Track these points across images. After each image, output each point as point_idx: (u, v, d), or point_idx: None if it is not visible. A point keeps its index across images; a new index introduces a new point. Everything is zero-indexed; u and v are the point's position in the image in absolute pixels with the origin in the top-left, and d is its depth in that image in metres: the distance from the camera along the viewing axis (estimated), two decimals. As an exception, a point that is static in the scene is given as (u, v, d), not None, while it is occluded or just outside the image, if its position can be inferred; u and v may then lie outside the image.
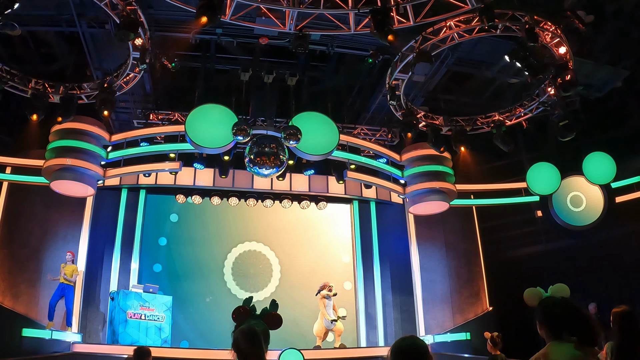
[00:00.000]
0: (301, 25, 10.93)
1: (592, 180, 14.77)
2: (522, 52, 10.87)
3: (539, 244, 16.81)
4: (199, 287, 15.11)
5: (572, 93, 12.15)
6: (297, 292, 15.41)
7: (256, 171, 12.98)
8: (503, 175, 16.34)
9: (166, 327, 13.16)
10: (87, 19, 11.72)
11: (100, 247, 14.42)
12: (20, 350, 11.06)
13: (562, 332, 3.60)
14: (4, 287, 12.68)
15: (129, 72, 12.38)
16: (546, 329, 3.68)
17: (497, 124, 14.17)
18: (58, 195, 13.33)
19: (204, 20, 9.49)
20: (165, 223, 15.67)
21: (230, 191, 15.55)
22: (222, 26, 11.86)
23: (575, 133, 12.90)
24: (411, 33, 11.53)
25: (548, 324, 3.67)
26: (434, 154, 14.39)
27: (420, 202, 14.61)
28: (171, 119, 14.88)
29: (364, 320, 15.39)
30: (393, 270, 15.79)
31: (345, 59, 13.94)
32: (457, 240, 15.78)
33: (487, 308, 14.91)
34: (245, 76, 13.37)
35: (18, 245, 13.23)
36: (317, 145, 13.20)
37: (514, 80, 14.26)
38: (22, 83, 12.52)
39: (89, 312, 13.83)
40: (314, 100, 15.05)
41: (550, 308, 3.68)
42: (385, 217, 16.45)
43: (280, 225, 16.32)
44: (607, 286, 15.03)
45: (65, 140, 12.93)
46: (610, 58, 13.44)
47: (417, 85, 14.17)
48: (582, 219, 15.02)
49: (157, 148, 13.95)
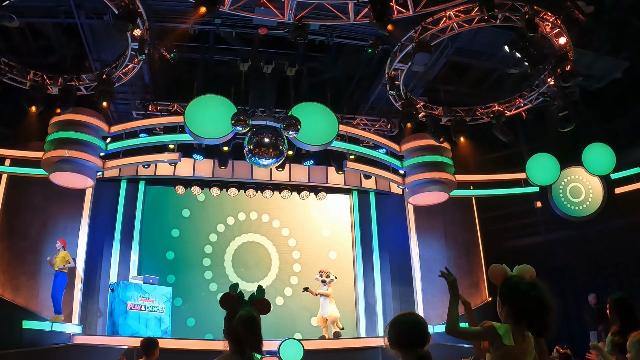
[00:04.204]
0: (300, 15, 10.90)
1: (591, 171, 14.76)
2: (521, 43, 10.84)
3: (538, 234, 16.84)
4: (200, 278, 15.16)
5: (571, 84, 12.13)
6: (297, 283, 15.47)
7: (255, 162, 12.97)
8: (502, 166, 16.35)
9: (166, 318, 13.20)
10: (85, 10, 11.66)
11: (99, 238, 14.42)
12: (21, 342, 11.11)
13: (522, 316, 3.34)
14: (4, 279, 12.70)
15: (127, 63, 12.32)
16: (507, 309, 3.41)
17: (497, 114, 14.16)
18: (57, 187, 13.32)
19: (202, 11, 9.47)
20: (167, 216, 15.68)
21: (230, 182, 15.53)
22: (221, 16, 11.80)
23: (574, 124, 12.89)
24: (411, 23, 11.49)
25: (510, 305, 3.39)
26: (433, 145, 14.37)
27: (419, 192, 14.60)
28: (170, 109, 14.84)
29: (364, 310, 15.42)
30: (392, 261, 15.81)
31: (344, 49, 13.91)
32: (456, 231, 15.80)
33: (486, 298, 14.95)
34: (244, 66, 13.34)
35: (18, 237, 13.23)
36: (317, 136, 13.20)
37: (514, 70, 14.23)
38: (20, 75, 12.46)
39: (88, 304, 13.85)
40: (313, 90, 15.04)
41: (516, 288, 3.41)
42: (385, 208, 16.45)
43: (279, 216, 16.33)
44: (606, 277, 15.08)
45: (64, 132, 12.90)
46: (610, 49, 13.40)
47: (417, 76, 14.12)
48: (581, 210, 15.03)
49: (156, 139, 13.93)
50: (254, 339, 3.31)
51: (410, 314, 3.32)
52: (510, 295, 3.42)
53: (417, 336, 3.15)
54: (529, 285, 3.40)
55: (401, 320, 3.25)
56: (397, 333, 3.17)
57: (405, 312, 3.36)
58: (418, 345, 3.11)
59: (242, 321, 3.34)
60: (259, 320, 3.39)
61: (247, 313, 3.38)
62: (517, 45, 10.92)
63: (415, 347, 3.10)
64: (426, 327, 3.18)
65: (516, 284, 3.44)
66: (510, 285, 3.46)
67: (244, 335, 3.29)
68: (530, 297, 3.34)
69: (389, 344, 3.17)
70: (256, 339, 3.32)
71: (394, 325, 3.23)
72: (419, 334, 3.17)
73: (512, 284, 3.45)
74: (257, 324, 3.36)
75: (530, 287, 3.38)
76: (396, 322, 3.24)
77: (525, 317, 3.33)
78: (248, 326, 3.32)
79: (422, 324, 3.20)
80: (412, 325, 3.20)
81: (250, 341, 3.29)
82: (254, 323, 3.35)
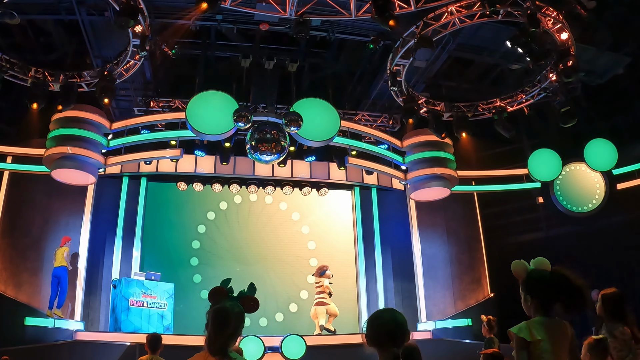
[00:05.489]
0: (302, 11, 10.88)
1: (593, 167, 14.74)
2: (523, 38, 10.83)
3: (540, 230, 16.83)
4: (202, 274, 15.18)
5: (573, 79, 12.11)
6: (298, 279, 15.50)
7: (257, 158, 12.99)
8: (504, 162, 16.32)
9: (168, 314, 13.21)
10: (86, 6, 11.65)
11: (101, 235, 14.42)
12: (24, 339, 11.14)
13: (552, 304, 3.54)
14: (6, 276, 12.70)
15: (129, 60, 12.33)
16: (537, 302, 3.58)
17: (499, 110, 14.15)
18: (59, 184, 13.33)
19: (204, 7, 9.47)
20: (169, 212, 15.70)
21: (232, 178, 15.53)
22: (222, 12, 11.79)
23: (576, 119, 12.89)
24: (412, 18, 11.48)
25: (539, 297, 3.58)
26: (435, 140, 14.37)
27: (421, 188, 14.60)
28: (172, 106, 14.85)
29: (366, 306, 15.41)
30: (394, 257, 15.82)
31: (346, 45, 13.89)
32: (458, 227, 15.78)
33: (488, 294, 14.93)
34: (245, 62, 13.34)
35: (20, 234, 13.23)
36: (318, 132, 13.20)
37: (516, 66, 14.20)
38: (22, 72, 12.48)
39: (91, 300, 13.87)
40: (314, 86, 15.04)
41: (540, 280, 3.60)
42: (387, 204, 16.44)
43: (281, 212, 16.33)
44: (608, 273, 15.05)
45: (66, 129, 12.90)
46: (612, 44, 13.37)
47: (418, 71, 14.12)
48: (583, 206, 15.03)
49: (157, 135, 13.91)
50: (221, 332, 3.19)
51: (388, 311, 3.25)
52: (537, 287, 3.60)
53: (395, 334, 3.03)
54: (552, 274, 3.59)
55: (378, 317, 3.18)
56: (374, 330, 3.07)
57: (384, 309, 3.30)
58: (396, 344, 3.00)
59: (212, 313, 3.26)
60: (232, 315, 3.26)
61: (220, 306, 3.29)
62: (519, 41, 10.90)
63: (393, 345, 3.01)
64: (405, 326, 3.05)
65: (540, 275, 3.61)
66: (535, 277, 3.62)
67: (210, 329, 3.20)
68: (557, 284, 3.53)
69: (366, 341, 3.11)
70: (224, 332, 3.19)
71: (371, 322, 3.15)
72: (397, 333, 3.04)
73: (537, 276, 3.62)
74: (228, 317, 3.23)
75: (554, 275, 3.57)
76: (373, 319, 3.17)
77: (556, 303, 3.53)
78: (216, 319, 3.22)
79: (401, 322, 3.10)
80: (389, 323, 3.10)
81: (218, 334, 3.18)
82: (224, 316, 3.23)
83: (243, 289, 3.58)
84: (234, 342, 3.29)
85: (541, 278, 3.60)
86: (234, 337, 3.26)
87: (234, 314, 3.27)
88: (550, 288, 3.54)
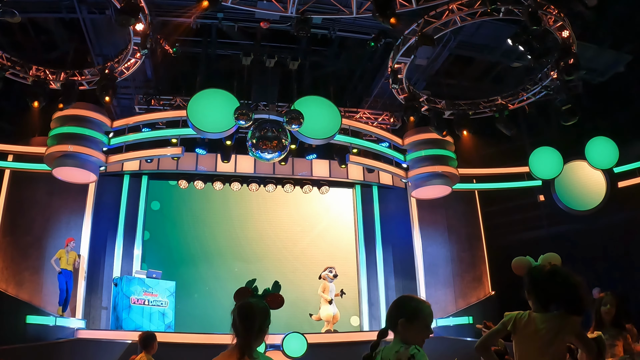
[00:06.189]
0: (303, 9, 10.86)
1: (594, 165, 14.72)
2: (524, 36, 10.82)
3: (541, 228, 16.78)
4: (203, 272, 15.19)
5: (574, 77, 12.11)
6: (300, 277, 15.49)
7: (259, 155, 12.99)
8: (505, 160, 16.29)
9: (169, 312, 13.23)
10: (87, 4, 11.64)
11: (103, 233, 14.44)
12: (25, 337, 11.14)
13: (549, 302, 3.63)
14: (8, 274, 12.72)
15: (129, 58, 12.32)
16: (534, 298, 3.70)
17: (500, 108, 14.14)
18: (60, 182, 13.34)
19: (205, 5, 9.46)
20: (170, 210, 15.70)
21: (233, 176, 15.56)
22: (223, 10, 11.77)
23: (577, 117, 12.86)
24: (413, 16, 11.45)
25: (535, 293, 3.69)
26: (436, 138, 14.37)
27: (422, 186, 14.61)
28: (173, 104, 14.85)
29: (367, 304, 15.44)
30: (395, 255, 15.83)
31: (347, 43, 13.89)
32: (459, 225, 15.79)
33: (489, 292, 14.93)
34: (246, 60, 13.32)
35: (21, 232, 13.24)
36: (320, 129, 13.19)
37: (517, 64, 14.16)
38: (22, 70, 12.49)
39: (92, 299, 13.90)
40: (315, 84, 15.05)
41: (537, 277, 3.70)
42: (388, 202, 16.45)
43: (282, 210, 16.33)
44: (609, 271, 15.04)
45: (67, 127, 12.92)
46: (613, 42, 13.38)
47: (420, 69, 14.11)
48: (585, 204, 15.01)
49: (158, 133, 13.92)
50: (247, 326, 3.22)
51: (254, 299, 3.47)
52: (533, 285, 3.72)
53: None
54: (548, 273, 3.66)
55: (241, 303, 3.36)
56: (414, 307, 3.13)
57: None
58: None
59: (237, 309, 3.31)
60: (256, 310, 3.30)
61: (244, 302, 3.35)
62: (520, 39, 10.89)
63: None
64: (252, 308, 3.32)
65: (537, 274, 3.72)
66: (532, 276, 3.74)
67: (237, 323, 3.24)
68: (552, 283, 3.60)
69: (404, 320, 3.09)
70: (250, 326, 3.22)
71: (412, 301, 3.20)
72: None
73: (533, 275, 3.74)
74: (252, 312, 3.27)
75: (550, 274, 3.65)
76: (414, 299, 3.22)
77: (552, 301, 3.61)
78: (241, 314, 3.26)
79: (257, 308, 3.33)
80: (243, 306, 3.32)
81: (244, 328, 3.21)
82: (248, 311, 3.27)
83: (268, 287, 3.61)
84: (261, 342, 3.31)
85: (539, 275, 3.69)
86: (261, 335, 3.29)
87: (258, 309, 3.33)
88: (547, 285, 3.61)
